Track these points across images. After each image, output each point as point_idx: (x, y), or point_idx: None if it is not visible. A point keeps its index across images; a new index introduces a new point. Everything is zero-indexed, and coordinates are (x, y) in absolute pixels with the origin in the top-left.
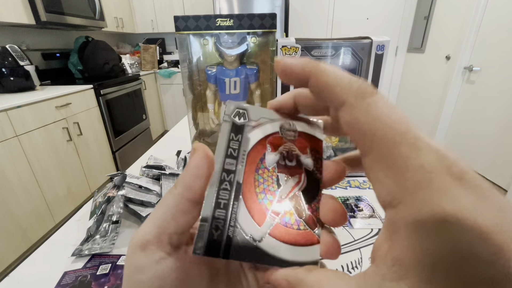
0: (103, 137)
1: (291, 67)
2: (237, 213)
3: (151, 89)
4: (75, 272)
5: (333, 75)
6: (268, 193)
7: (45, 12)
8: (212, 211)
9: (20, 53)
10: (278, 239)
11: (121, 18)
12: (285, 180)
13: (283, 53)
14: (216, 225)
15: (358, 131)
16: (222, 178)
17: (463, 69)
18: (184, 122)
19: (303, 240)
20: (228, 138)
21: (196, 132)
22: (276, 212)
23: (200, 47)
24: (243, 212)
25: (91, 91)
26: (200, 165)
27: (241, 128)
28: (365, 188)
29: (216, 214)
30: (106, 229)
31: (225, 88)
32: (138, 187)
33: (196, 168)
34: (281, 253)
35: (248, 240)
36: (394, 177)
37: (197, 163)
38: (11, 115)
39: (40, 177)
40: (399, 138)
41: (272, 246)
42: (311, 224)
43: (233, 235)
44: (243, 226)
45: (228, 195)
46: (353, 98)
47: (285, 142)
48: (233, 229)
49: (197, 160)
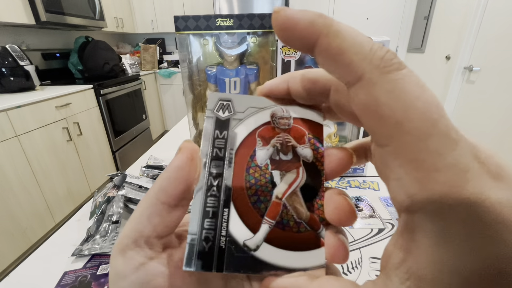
0: (103, 137)
1: (294, 20)
2: (228, 221)
3: (151, 89)
4: (75, 272)
5: (351, 39)
6: (261, 195)
7: (45, 12)
8: (201, 221)
9: (20, 53)
10: (276, 246)
11: (121, 18)
12: (280, 178)
13: (283, 53)
14: (206, 236)
15: (376, 115)
16: (209, 183)
17: (463, 69)
18: (184, 122)
19: (304, 244)
20: (212, 137)
21: (196, 132)
22: (272, 215)
23: (200, 47)
24: (235, 220)
25: (91, 91)
26: (181, 167)
27: (226, 123)
28: (365, 188)
29: (205, 224)
30: (106, 229)
31: (225, 88)
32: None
33: (176, 169)
34: (280, 260)
35: (243, 250)
36: (418, 176)
37: (178, 165)
38: (11, 115)
39: (40, 177)
40: (430, 128)
41: (269, 254)
42: (313, 225)
43: (226, 245)
44: (236, 235)
45: (216, 202)
46: (375, 72)
47: (278, 132)
48: (224, 239)
49: (178, 162)
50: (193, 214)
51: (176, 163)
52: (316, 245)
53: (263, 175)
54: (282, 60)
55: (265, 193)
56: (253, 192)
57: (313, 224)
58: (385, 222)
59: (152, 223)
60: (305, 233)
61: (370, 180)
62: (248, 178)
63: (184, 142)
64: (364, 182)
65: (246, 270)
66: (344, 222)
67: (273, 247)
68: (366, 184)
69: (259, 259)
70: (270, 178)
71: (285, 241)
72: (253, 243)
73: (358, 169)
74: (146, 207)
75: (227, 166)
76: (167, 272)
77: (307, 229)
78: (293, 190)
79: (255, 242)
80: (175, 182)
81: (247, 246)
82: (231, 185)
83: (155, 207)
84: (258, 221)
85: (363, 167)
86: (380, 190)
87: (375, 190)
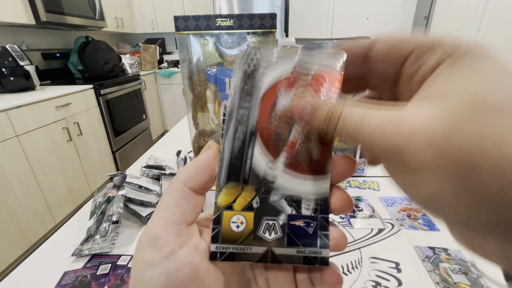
0: (103, 137)
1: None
2: (252, 157)
3: (151, 89)
4: (75, 272)
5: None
6: (281, 134)
7: (45, 12)
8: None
9: (20, 53)
10: (290, 175)
11: (121, 18)
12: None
13: None
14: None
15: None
16: (236, 128)
17: None
18: (184, 122)
19: (314, 173)
20: (239, 88)
21: (196, 132)
22: (289, 151)
23: (200, 47)
24: (258, 152)
25: (91, 91)
26: (208, 161)
27: (252, 74)
28: (365, 188)
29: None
30: (106, 229)
31: (225, 88)
32: (138, 187)
33: (204, 162)
34: (294, 188)
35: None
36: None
37: (206, 159)
38: (11, 115)
39: (40, 177)
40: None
41: (285, 183)
42: (321, 165)
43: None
44: (258, 166)
45: (242, 142)
46: (459, 56)
47: (299, 82)
48: (248, 171)
49: (207, 156)
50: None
51: (205, 157)
52: (323, 172)
53: (283, 120)
54: None
55: (284, 135)
56: (275, 133)
57: (321, 164)
58: (385, 222)
59: (181, 207)
60: (314, 168)
61: (370, 180)
62: (271, 121)
63: (211, 142)
64: (364, 182)
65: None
66: (344, 210)
67: (287, 176)
68: (366, 184)
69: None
70: (289, 123)
71: (298, 172)
72: (271, 176)
73: (358, 169)
74: (174, 194)
75: (252, 112)
76: (194, 261)
77: (317, 167)
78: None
79: (273, 174)
80: (203, 172)
81: (266, 179)
82: (255, 128)
83: (182, 192)
84: (277, 154)
85: (363, 167)
86: (380, 190)
87: (375, 190)
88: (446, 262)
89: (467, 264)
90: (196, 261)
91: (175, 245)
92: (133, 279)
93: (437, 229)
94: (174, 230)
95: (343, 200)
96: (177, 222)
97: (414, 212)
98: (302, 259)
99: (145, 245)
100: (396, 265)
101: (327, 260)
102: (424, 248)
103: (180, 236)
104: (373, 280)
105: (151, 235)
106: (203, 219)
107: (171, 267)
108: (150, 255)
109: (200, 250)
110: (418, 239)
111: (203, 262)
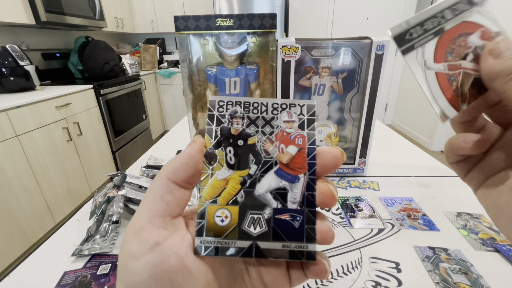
0: (103, 137)
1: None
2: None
3: (151, 89)
4: (75, 272)
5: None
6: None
7: (45, 12)
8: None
9: (20, 53)
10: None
11: (121, 18)
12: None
13: (283, 53)
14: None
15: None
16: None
17: None
18: (184, 122)
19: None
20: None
21: (196, 132)
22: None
23: (200, 47)
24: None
25: (91, 91)
26: (193, 155)
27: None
28: (365, 188)
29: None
30: (106, 229)
31: (225, 88)
32: (138, 187)
33: (188, 156)
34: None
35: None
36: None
37: (191, 153)
38: (11, 115)
39: (40, 177)
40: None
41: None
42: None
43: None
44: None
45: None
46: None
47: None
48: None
49: (191, 151)
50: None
51: (190, 151)
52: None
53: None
54: (282, 60)
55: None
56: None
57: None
58: (385, 222)
59: (165, 200)
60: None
61: (370, 180)
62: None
63: (197, 136)
64: (364, 182)
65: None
66: (327, 205)
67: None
68: (366, 184)
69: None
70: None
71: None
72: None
73: (358, 169)
74: (158, 187)
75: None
76: (179, 252)
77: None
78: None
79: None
80: (187, 166)
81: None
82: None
83: (166, 185)
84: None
85: (363, 167)
86: (380, 190)
87: (375, 190)
88: (446, 262)
89: (467, 264)
90: (182, 252)
91: (160, 237)
92: (119, 271)
93: (437, 229)
94: (159, 222)
95: (324, 194)
96: (162, 215)
97: (414, 212)
98: (288, 253)
99: (130, 238)
100: (396, 265)
101: (314, 255)
102: (424, 248)
103: (165, 228)
104: (373, 280)
105: (136, 228)
106: (190, 212)
107: (156, 258)
108: (135, 247)
109: (186, 242)
110: (418, 239)
111: (190, 253)
